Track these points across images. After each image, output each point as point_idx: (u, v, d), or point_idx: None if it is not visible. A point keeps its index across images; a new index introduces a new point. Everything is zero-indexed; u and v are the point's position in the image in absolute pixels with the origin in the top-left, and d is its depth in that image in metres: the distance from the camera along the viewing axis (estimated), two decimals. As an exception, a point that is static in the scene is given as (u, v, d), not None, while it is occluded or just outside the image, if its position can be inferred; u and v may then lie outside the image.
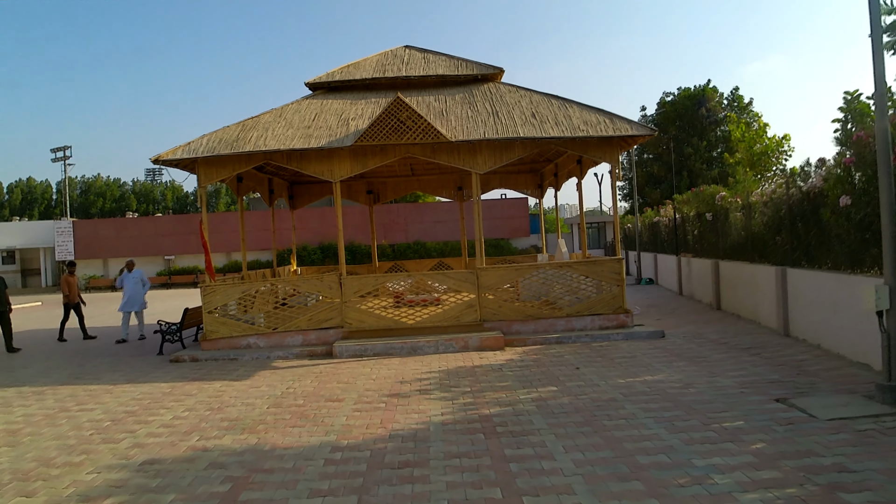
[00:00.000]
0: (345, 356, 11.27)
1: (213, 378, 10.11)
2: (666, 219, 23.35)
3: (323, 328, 12.09)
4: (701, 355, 9.84)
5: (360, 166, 12.18)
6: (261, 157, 12.18)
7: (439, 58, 14.92)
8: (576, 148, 12.19)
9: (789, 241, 11.36)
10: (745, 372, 8.54)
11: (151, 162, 12.00)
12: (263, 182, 16.67)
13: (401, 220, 42.45)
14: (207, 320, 12.17)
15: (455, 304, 12.18)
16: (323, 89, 14.29)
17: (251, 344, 12.14)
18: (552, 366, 9.59)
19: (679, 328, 12.71)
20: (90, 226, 45.83)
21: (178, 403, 8.47)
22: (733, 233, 14.79)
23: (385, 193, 19.75)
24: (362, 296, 12.24)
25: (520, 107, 12.81)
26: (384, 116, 11.58)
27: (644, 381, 8.33)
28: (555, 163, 17.35)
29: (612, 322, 12.17)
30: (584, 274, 12.31)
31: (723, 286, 15.22)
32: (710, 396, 7.36)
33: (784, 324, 11.23)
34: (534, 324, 12.11)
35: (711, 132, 45.28)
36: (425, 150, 12.13)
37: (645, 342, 11.29)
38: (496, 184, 19.46)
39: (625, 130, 11.93)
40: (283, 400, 8.33)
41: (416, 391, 8.44)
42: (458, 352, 11.23)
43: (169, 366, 11.46)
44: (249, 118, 12.92)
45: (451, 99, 13.37)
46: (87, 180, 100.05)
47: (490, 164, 12.17)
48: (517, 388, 8.29)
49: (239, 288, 12.52)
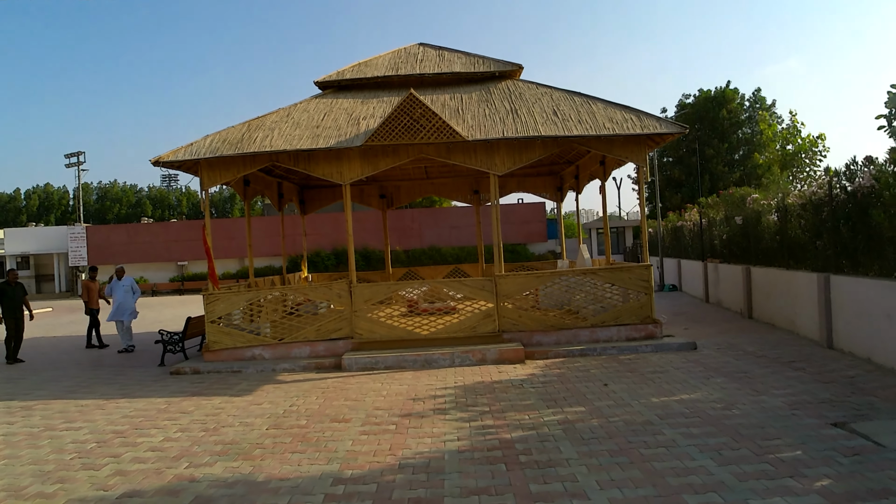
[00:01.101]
0: (354, 369, 10.57)
1: (214, 393, 9.45)
2: (690, 223, 22.48)
3: (332, 339, 11.40)
4: (740, 370, 9.04)
5: (370, 168, 11.51)
6: (266, 159, 11.54)
7: (454, 55, 14.25)
8: (600, 147, 11.43)
9: (832, 245, 10.53)
10: (793, 390, 7.74)
11: (151, 164, 11.41)
12: (272, 186, 16.06)
13: (415, 226, 41.79)
14: (210, 330, 11.53)
15: (472, 314, 11.45)
16: (333, 88, 13.66)
17: (256, 355, 11.48)
18: (578, 381, 8.83)
19: (711, 338, 11.89)
20: (103, 231, 45.62)
21: (171, 422, 7.81)
22: (766, 237, 13.95)
23: (398, 197, 19.07)
24: (374, 305, 11.55)
25: (540, 104, 12.09)
26: (396, 114, 10.90)
27: (681, 400, 7.55)
28: (575, 164, 16.59)
29: (640, 333, 11.38)
30: (610, 281, 11.54)
31: (755, 293, 14.36)
32: (758, 419, 6.58)
33: (827, 335, 10.39)
34: (556, 335, 11.35)
35: (733, 134, 44.25)
36: (440, 150, 11.44)
37: (676, 355, 10.49)
38: (513, 187, 18.73)
39: (653, 128, 11.16)
40: (285, 420, 7.64)
41: (429, 410, 7.72)
42: (474, 365, 10.51)
43: (168, 378, 10.82)
44: (255, 118, 12.30)
45: (467, 97, 12.67)
46: (103, 186, 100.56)
47: (509, 165, 11.44)
48: (541, 407, 7.55)
49: (243, 296, 11.87)
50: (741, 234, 15.65)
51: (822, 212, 11.04)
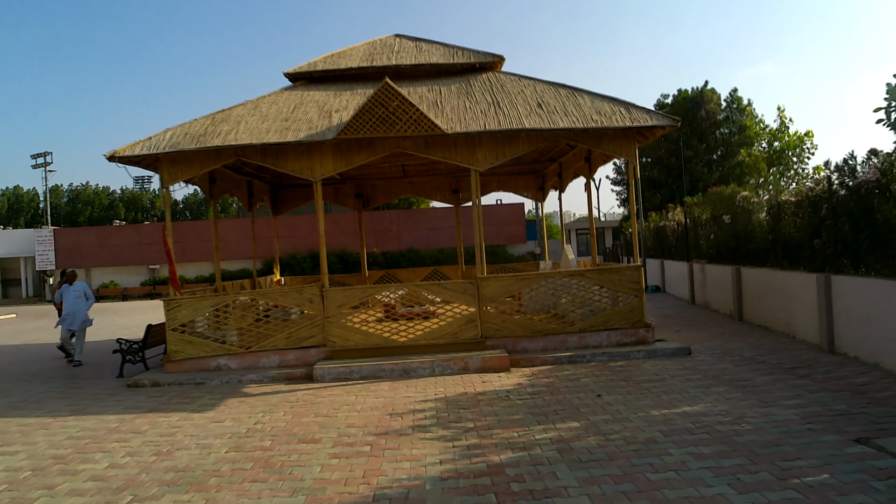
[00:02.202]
0: (327, 380, 9.81)
1: (172, 408, 8.64)
2: (674, 223, 22.00)
3: (303, 347, 10.63)
4: (741, 378, 8.43)
5: (343, 163, 10.76)
6: (231, 154, 10.73)
7: (433, 46, 13.54)
8: (588, 141, 10.79)
9: (832, 244, 10.00)
10: (802, 400, 7.14)
11: (106, 159, 10.55)
12: (241, 185, 15.23)
13: (393, 227, 41.04)
14: (171, 339, 10.70)
15: (453, 319, 10.74)
16: (304, 80, 12.88)
17: (221, 366, 10.67)
18: (568, 392, 8.16)
19: (704, 343, 11.31)
20: (72, 234, 44.18)
21: (121, 445, 7.00)
22: (758, 236, 13.42)
23: (375, 197, 18.31)
24: (348, 310, 10.79)
25: (523, 96, 11.43)
26: (370, 105, 10.16)
27: (684, 413, 6.91)
28: (559, 162, 15.97)
29: (631, 338, 10.76)
30: (598, 283, 10.90)
31: (745, 295, 13.83)
32: (772, 436, 5.94)
33: (828, 339, 9.84)
34: (542, 340, 10.69)
35: (711, 134, 44.11)
36: (418, 144, 10.73)
37: (670, 361, 9.88)
38: (494, 186, 18.07)
39: (644, 121, 10.54)
40: (247, 440, 6.87)
41: (408, 427, 6.99)
42: (456, 374, 9.80)
43: (125, 392, 9.98)
44: (220, 111, 11.49)
45: (446, 89, 11.98)
46: (75, 189, 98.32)
47: (491, 161, 10.76)
48: (531, 423, 6.86)
49: (208, 302, 11.04)
50: (730, 233, 15.12)
51: (819, 209, 10.51)
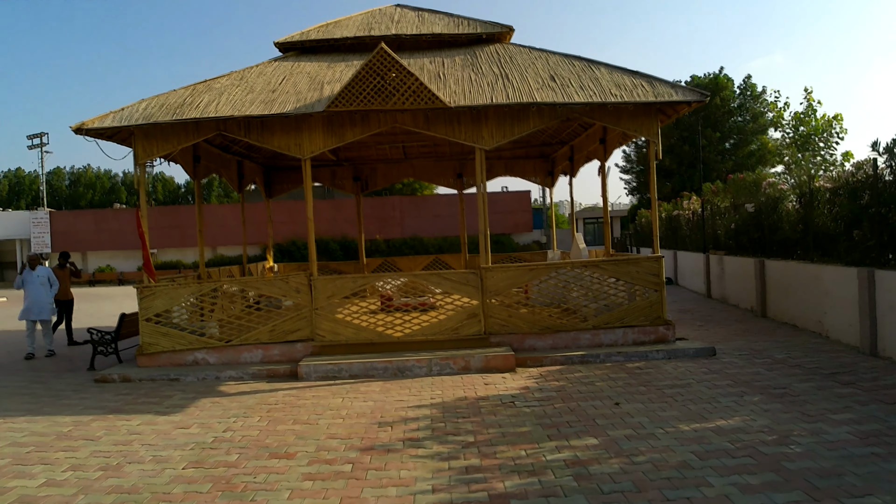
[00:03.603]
0: (312, 378, 8.87)
1: (137, 409, 7.71)
2: (689, 212, 20.96)
3: (288, 341, 9.68)
4: (777, 384, 7.45)
5: (335, 139, 9.76)
6: (212, 127, 9.74)
7: (436, 16, 12.51)
8: (606, 118, 9.75)
9: (875, 235, 8.99)
10: (854, 414, 6.16)
11: (73, 131, 9.57)
12: (230, 165, 14.24)
13: (396, 214, 40.04)
14: (145, 330, 9.77)
15: (454, 312, 9.78)
16: (296, 51, 11.87)
17: (199, 360, 9.74)
18: (582, 399, 7.20)
19: (728, 342, 10.33)
20: (68, 217, 43.36)
21: (67, 454, 6.07)
22: (785, 226, 12.40)
23: (375, 181, 17.31)
24: (339, 301, 9.84)
25: (534, 68, 10.40)
26: (365, 74, 9.15)
27: (717, 428, 5.94)
28: (570, 145, 14.94)
29: (650, 336, 9.78)
30: (615, 276, 9.92)
31: (770, 289, 12.83)
32: (829, 461, 4.97)
33: (870, 340, 8.85)
34: (552, 338, 9.72)
35: (725, 122, 42.84)
36: (417, 119, 9.72)
37: (693, 363, 8.90)
38: (500, 171, 17.03)
39: (668, 95, 9.51)
40: (212, 453, 5.93)
41: (398, 441, 6.04)
42: (456, 374, 8.85)
43: (91, 388, 9.06)
44: (201, 81, 10.51)
45: (449, 61, 10.96)
46: (76, 171, 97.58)
47: (498, 138, 9.75)
48: (541, 437, 5.90)
49: (185, 290, 10.09)
50: (753, 222, 14.11)
51: (861, 196, 9.50)
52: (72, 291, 13.80)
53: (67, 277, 13.63)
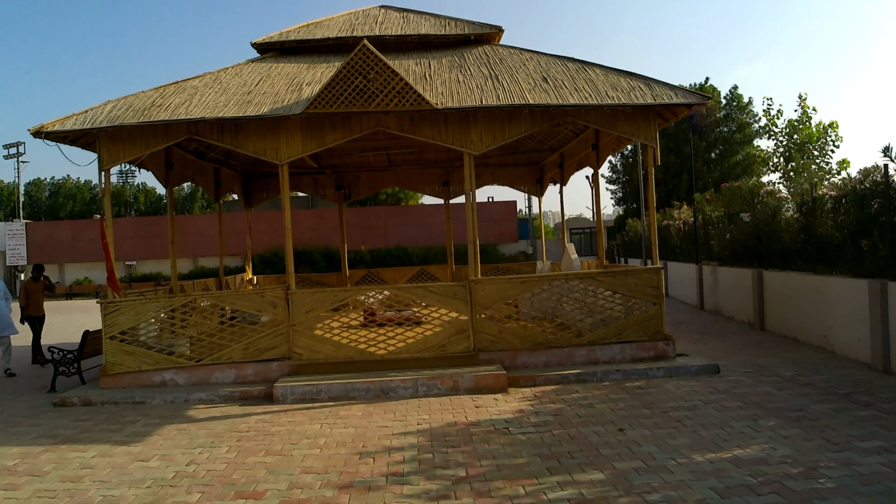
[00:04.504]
0: (289, 400, 8.21)
1: (94, 438, 7.01)
2: (679, 222, 20.51)
3: (263, 360, 9.01)
4: (792, 406, 6.90)
5: (315, 143, 9.15)
6: (182, 130, 9.10)
7: (421, 17, 11.97)
8: (601, 122, 9.22)
9: (887, 245, 8.51)
10: (882, 441, 5.61)
11: (31, 134, 8.89)
12: (207, 172, 13.56)
13: (380, 224, 39.38)
14: (109, 349, 9.06)
15: (441, 328, 9.16)
16: (275, 52, 11.27)
17: (167, 381, 9.04)
18: (583, 424, 6.60)
19: (729, 357, 9.79)
20: (45, 228, 42.31)
21: (5, 494, 5.37)
22: (785, 236, 11.92)
23: (358, 189, 16.70)
24: (318, 316, 9.19)
25: (526, 70, 9.86)
26: (346, 73, 8.56)
27: (735, 458, 5.36)
28: (559, 152, 14.42)
29: (649, 352, 9.22)
30: (612, 288, 9.35)
31: (768, 301, 12.33)
32: (866, 500, 4.41)
33: (883, 356, 8.34)
34: (545, 354, 9.13)
35: (711, 132, 42.74)
36: (402, 121, 9.14)
37: (697, 381, 8.34)
38: (487, 179, 16.50)
39: (668, 98, 8.99)
40: (170, 491, 5.27)
41: (380, 475, 5.41)
42: (444, 394, 8.22)
43: (48, 413, 8.33)
44: (172, 83, 9.87)
45: (436, 63, 10.40)
46: (56, 182, 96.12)
47: (488, 142, 9.19)
48: (540, 471, 5.29)
49: (153, 305, 9.39)
50: (750, 232, 13.62)
51: (869, 204, 9.03)
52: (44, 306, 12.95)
53: (41, 291, 12.68)
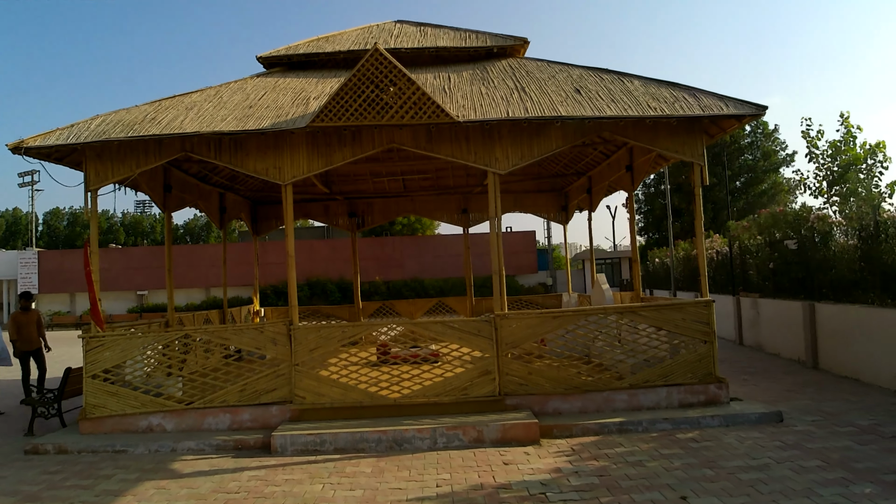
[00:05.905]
0: (289, 452, 7.17)
1: (60, 497, 6.01)
2: (712, 251, 19.38)
3: (262, 404, 7.99)
4: (884, 466, 5.76)
5: (322, 161, 8.24)
6: (177, 147, 8.24)
7: (440, 30, 11.15)
8: (642, 137, 8.23)
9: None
10: None
11: (10, 150, 8.06)
12: (210, 197, 12.71)
13: (396, 254, 38.46)
14: (90, 389, 8.08)
15: (462, 369, 8.11)
16: (282, 66, 10.47)
17: (153, 426, 8.04)
18: (634, 490, 5.50)
19: (787, 401, 8.62)
20: (56, 257, 41.82)
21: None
22: (841, 265, 10.81)
23: (372, 216, 15.77)
24: (324, 354, 8.18)
25: (555, 81, 8.94)
26: (356, 82, 7.67)
27: (838, 544, 4.25)
28: (587, 175, 13.45)
29: (699, 396, 8.09)
30: (655, 324, 8.27)
31: (822, 337, 11.16)
32: None
33: (976, 405, 7.19)
34: (580, 399, 8.03)
35: (735, 160, 41.68)
36: (418, 136, 8.22)
37: (759, 431, 7.20)
38: (509, 206, 15.51)
39: (718, 109, 8.00)
40: (129, 579, 4.24)
41: (391, 560, 4.35)
42: (467, 447, 7.14)
43: (17, 462, 7.35)
44: (168, 97, 9.05)
45: (456, 76, 9.52)
46: (74, 212, 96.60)
47: (515, 160, 8.22)
48: (591, 558, 4.21)
49: (141, 340, 8.44)
50: (798, 261, 12.50)
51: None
52: (45, 338, 11.47)
53: (34, 323, 11.27)
